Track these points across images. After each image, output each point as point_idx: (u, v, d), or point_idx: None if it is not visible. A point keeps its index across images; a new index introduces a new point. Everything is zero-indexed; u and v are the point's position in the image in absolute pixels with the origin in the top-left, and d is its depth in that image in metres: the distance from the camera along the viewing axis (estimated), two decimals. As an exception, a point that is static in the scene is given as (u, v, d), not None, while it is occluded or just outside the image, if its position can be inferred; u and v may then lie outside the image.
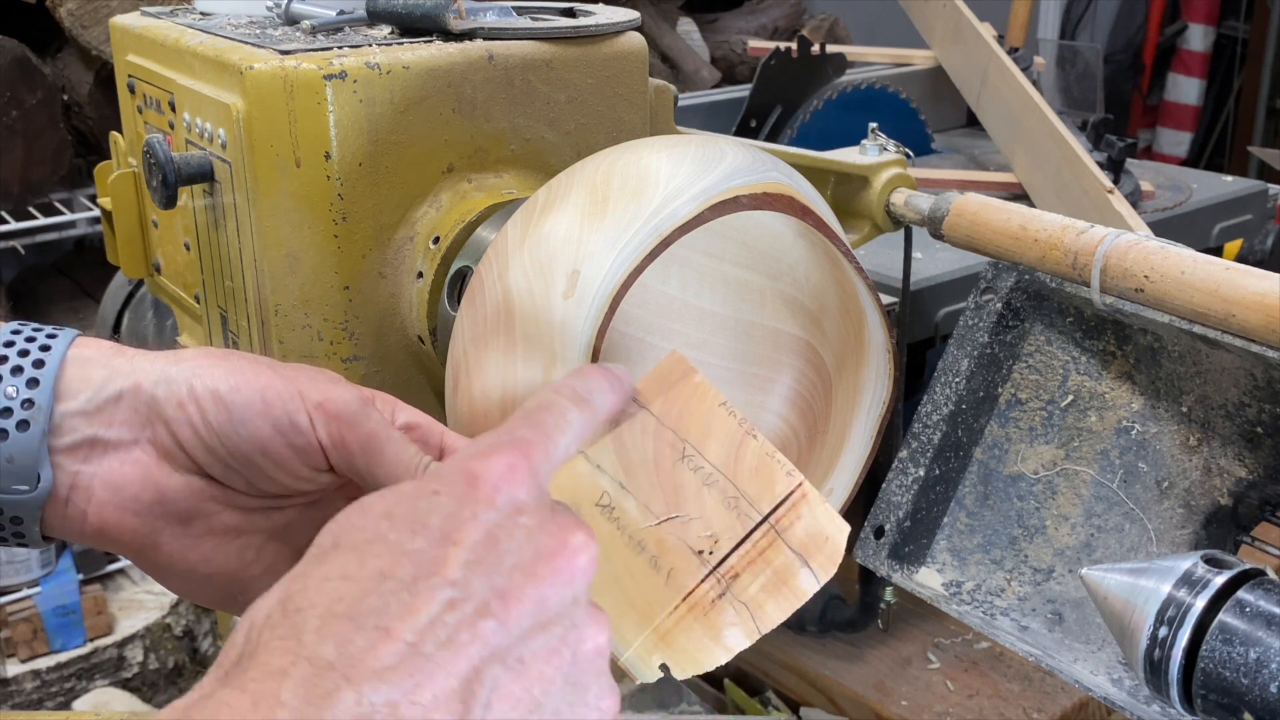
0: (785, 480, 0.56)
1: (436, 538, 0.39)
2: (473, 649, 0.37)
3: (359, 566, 0.38)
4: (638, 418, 0.55)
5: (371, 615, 0.37)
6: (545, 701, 0.39)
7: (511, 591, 0.39)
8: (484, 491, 0.41)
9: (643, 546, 0.53)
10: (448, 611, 0.37)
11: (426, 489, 0.41)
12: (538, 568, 0.40)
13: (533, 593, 0.39)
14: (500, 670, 0.38)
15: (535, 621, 0.39)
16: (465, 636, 0.37)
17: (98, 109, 1.81)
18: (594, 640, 0.42)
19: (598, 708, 0.41)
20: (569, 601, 0.41)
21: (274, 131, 0.72)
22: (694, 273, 0.69)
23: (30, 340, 0.52)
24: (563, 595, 0.40)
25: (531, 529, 0.41)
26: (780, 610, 0.54)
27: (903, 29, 1.91)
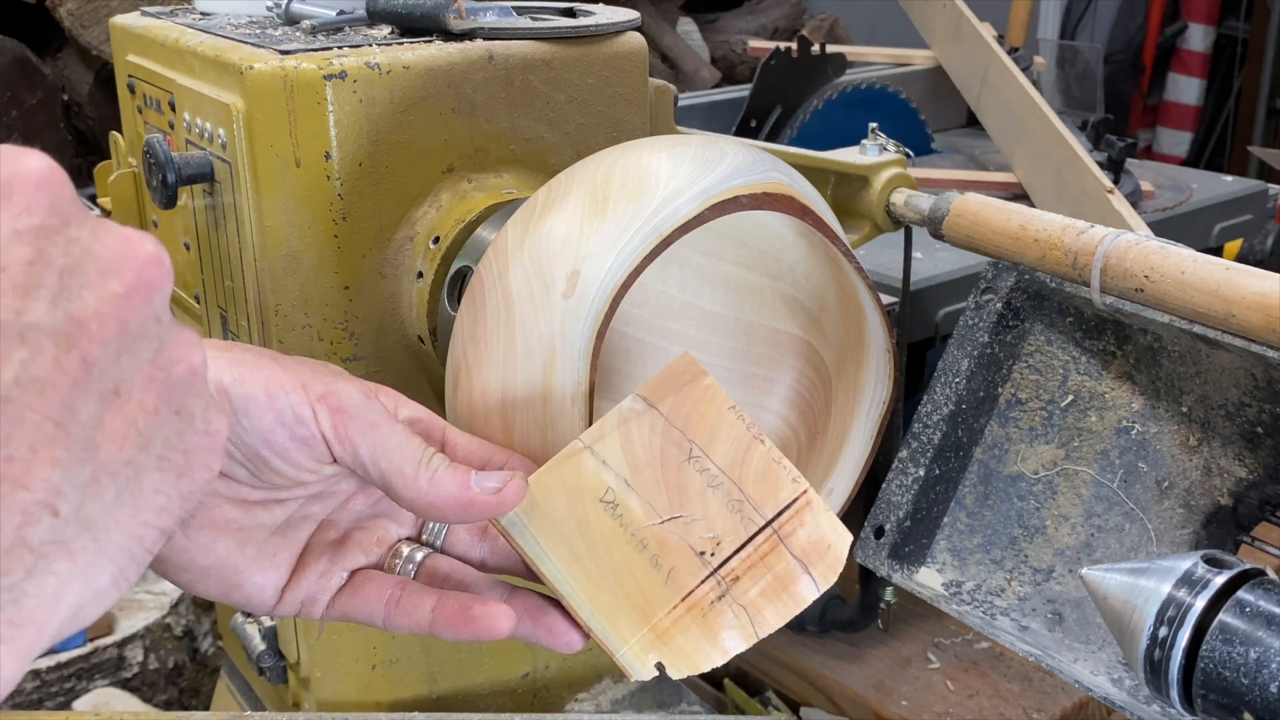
0: (790, 487, 0.56)
1: None
2: (61, 386, 0.32)
3: None
4: (645, 416, 0.55)
5: None
6: (152, 434, 0.36)
7: (88, 317, 0.33)
8: (19, 202, 0.34)
9: (644, 545, 0.53)
10: (19, 347, 0.32)
11: None
12: (108, 285, 0.34)
13: (112, 315, 0.34)
14: (98, 405, 0.34)
15: (120, 347, 0.34)
16: (50, 374, 0.32)
17: (98, 109, 1.81)
18: (185, 360, 0.37)
19: (207, 431, 0.38)
20: (151, 320, 0.36)
21: (274, 131, 0.72)
22: (694, 273, 0.69)
23: None
24: (143, 314, 0.35)
25: (87, 241, 0.35)
26: (779, 616, 0.54)
27: (903, 29, 1.91)
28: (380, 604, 0.53)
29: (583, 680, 0.97)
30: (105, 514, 0.34)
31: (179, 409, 0.37)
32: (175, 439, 0.37)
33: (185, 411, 0.37)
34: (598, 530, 0.53)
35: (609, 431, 0.54)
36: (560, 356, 0.56)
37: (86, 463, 0.33)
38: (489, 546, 0.57)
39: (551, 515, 0.53)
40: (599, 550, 0.53)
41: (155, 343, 0.36)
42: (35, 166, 0.35)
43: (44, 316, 0.32)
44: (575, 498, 0.53)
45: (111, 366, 0.34)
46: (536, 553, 0.53)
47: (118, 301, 0.34)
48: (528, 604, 0.53)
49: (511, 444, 0.57)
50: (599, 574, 0.53)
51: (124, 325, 0.34)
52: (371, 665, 0.87)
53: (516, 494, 0.51)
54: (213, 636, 1.68)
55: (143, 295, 0.35)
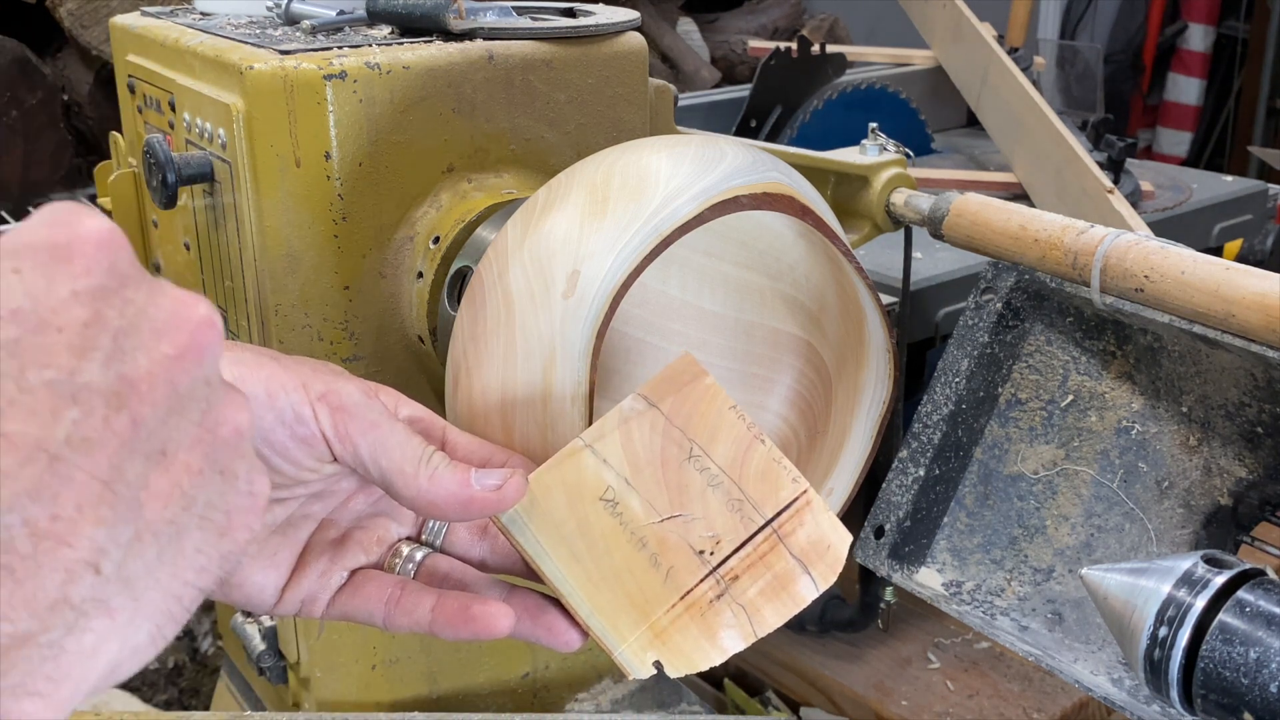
0: (791, 487, 0.56)
1: (33, 324, 0.33)
2: (110, 445, 0.33)
3: None
4: (646, 415, 0.55)
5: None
6: (196, 494, 0.36)
7: (138, 377, 0.34)
8: (79, 264, 0.34)
9: (644, 543, 0.53)
10: (71, 407, 0.32)
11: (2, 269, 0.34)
12: (160, 347, 0.35)
13: (162, 376, 0.35)
14: (144, 465, 0.34)
15: (169, 408, 0.35)
16: (100, 434, 0.33)
17: (98, 109, 1.81)
18: (232, 421, 0.38)
19: (249, 492, 0.38)
20: (200, 382, 0.36)
21: (274, 131, 0.72)
22: (694, 273, 0.69)
23: None
24: (193, 376, 0.36)
25: (143, 303, 0.35)
26: (778, 615, 0.54)
27: (903, 29, 1.91)
28: (380, 603, 0.53)
29: (583, 680, 0.97)
30: (146, 573, 0.34)
31: (223, 469, 0.37)
32: (218, 499, 0.37)
33: (229, 472, 0.37)
34: (597, 529, 0.53)
35: (609, 430, 0.54)
36: (560, 356, 0.56)
37: (130, 522, 0.34)
38: (489, 546, 0.57)
39: (551, 513, 0.53)
40: (598, 549, 0.53)
41: (204, 404, 0.36)
42: (95, 228, 0.35)
43: (97, 377, 0.33)
44: (575, 496, 0.53)
45: (160, 427, 0.35)
46: (536, 551, 0.53)
47: (169, 363, 0.35)
48: (527, 603, 0.54)
49: (511, 444, 0.57)
50: (598, 572, 0.53)
51: (174, 386, 0.35)
52: (371, 665, 0.87)
53: (517, 491, 0.51)
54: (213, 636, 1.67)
55: (194, 357, 0.36)
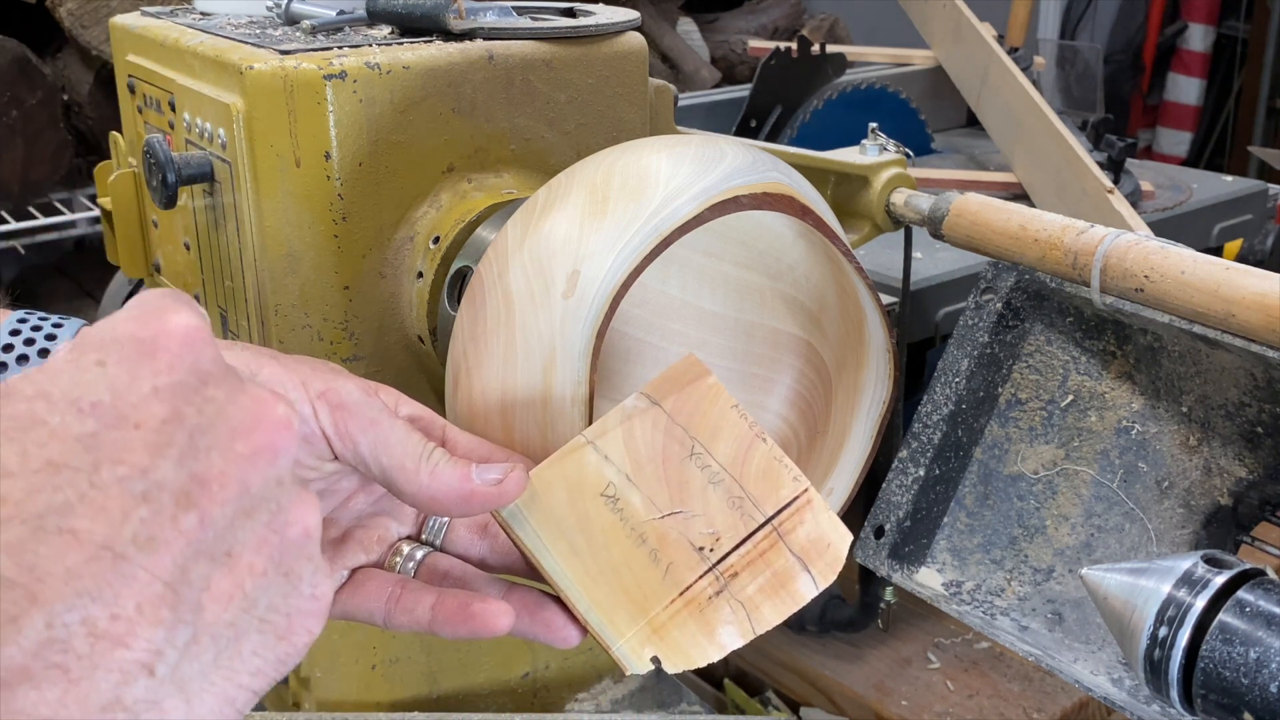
0: (791, 485, 0.56)
1: (112, 419, 0.33)
2: (176, 545, 0.33)
3: (20, 460, 0.32)
4: (649, 413, 0.55)
5: (51, 516, 0.31)
6: (258, 596, 0.35)
7: (211, 477, 0.34)
8: (163, 360, 0.34)
9: (644, 539, 0.54)
10: (141, 505, 0.32)
11: (87, 360, 0.34)
12: (235, 446, 0.35)
13: (234, 476, 0.35)
14: (208, 566, 0.34)
15: (239, 508, 0.35)
16: (166, 533, 0.32)
17: (98, 109, 1.81)
18: (301, 523, 0.37)
19: (312, 595, 0.38)
20: (273, 482, 0.36)
21: (274, 131, 0.72)
22: (694, 273, 0.69)
23: (36, 329, 0.52)
24: (266, 476, 0.36)
25: (222, 402, 0.35)
26: (777, 612, 0.54)
27: (903, 29, 1.91)
28: (380, 602, 0.54)
29: (583, 680, 0.97)
30: (201, 675, 0.34)
31: (287, 571, 0.37)
32: (280, 601, 0.37)
33: (293, 574, 0.37)
34: (597, 524, 0.53)
35: (612, 427, 0.54)
36: (560, 356, 0.56)
37: (190, 623, 0.33)
38: (489, 544, 0.57)
39: (552, 509, 0.53)
40: (598, 544, 0.53)
41: (274, 505, 0.36)
42: (182, 324, 0.35)
43: (169, 475, 0.33)
44: (576, 492, 0.53)
45: (228, 528, 0.34)
46: (535, 545, 0.53)
47: (242, 463, 0.35)
48: (525, 600, 0.54)
49: (512, 444, 0.57)
50: (597, 568, 0.53)
51: (246, 486, 0.35)
52: (371, 665, 0.87)
53: (517, 485, 0.51)
54: (213, 636, 1.67)
55: (268, 458, 0.36)
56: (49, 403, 0.33)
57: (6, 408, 0.33)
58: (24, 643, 0.29)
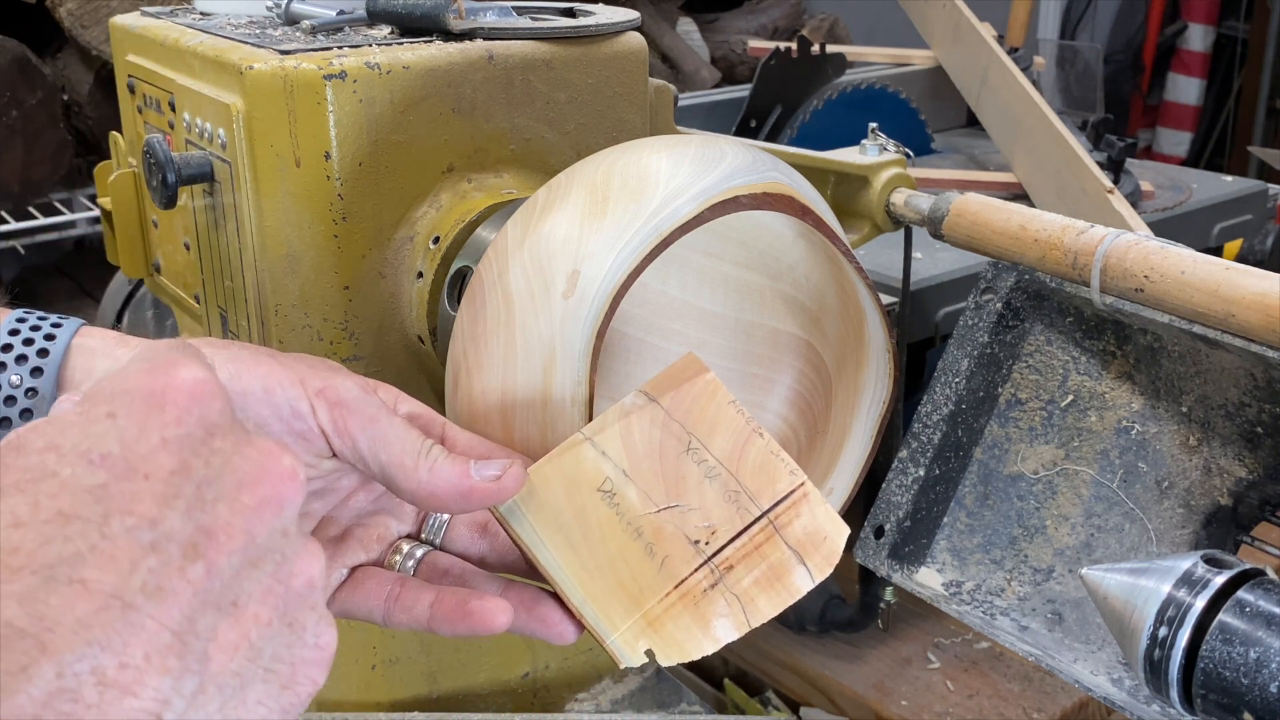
0: (788, 479, 0.56)
1: (121, 470, 0.34)
2: (184, 595, 0.33)
3: (31, 511, 0.32)
4: (647, 410, 0.55)
5: (62, 566, 0.31)
6: (263, 646, 0.36)
7: (217, 527, 0.35)
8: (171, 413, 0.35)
9: (640, 533, 0.54)
10: (150, 555, 0.33)
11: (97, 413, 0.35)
12: (241, 497, 0.36)
13: (240, 526, 0.35)
14: (215, 616, 0.34)
15: (245, 559, 0.35)
16: (174, 583, 0.33)
17: (98, 109, 1.81)
18: (305, 573, 0.38)
19: (316, 645, 0.38)
20: (278, 533, 0.37)
21: (274, 131, 0.72)
22: (694, 273, 0.69)
23: (35, 329, 0.52)
24: (271, 527, 0.36)
25: (228, 453, 0.36)
26: (772, 605, 0.54)
27: (903, 29, 1.91)
28: (380, 600, 0.54)
29: (583, 680, 0.97)
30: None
31: (292, 621, 0.37)
32: (284, 651, 0.37)
33: (298, 624, 0.37)
34: (594, 519, 0.53)
35: (610, 424, 0.55)
36: (560, 356, 0.56)
37: (197, 673, 0.33)
38: (489, 543, 0.57)
39: (549, 504, 0.53)
40: (594, 538, 0.53)
41: (279, 555, 0.37)
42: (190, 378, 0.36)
43: (177, 525, 0.34)
44: (573, 487, 0.53)
45: (234, 578, 0.35)
46: (532, 540, 0.53)
47: (248, 514, 0.35)
48: (523, 596, 0.54)
49: (512, 444, 0.57)
50: (593, 561, 0.53)
51: (251, 538, 0.35)
52: (371, 665, 0.87)
53: (516, 481, 0.51)
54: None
55: (273, 509, 0.36)
56: (59, 454, 0.33)
57: (18, 459, 0.33)
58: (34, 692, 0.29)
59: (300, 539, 0.38)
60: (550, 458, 0.54)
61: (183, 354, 0.37)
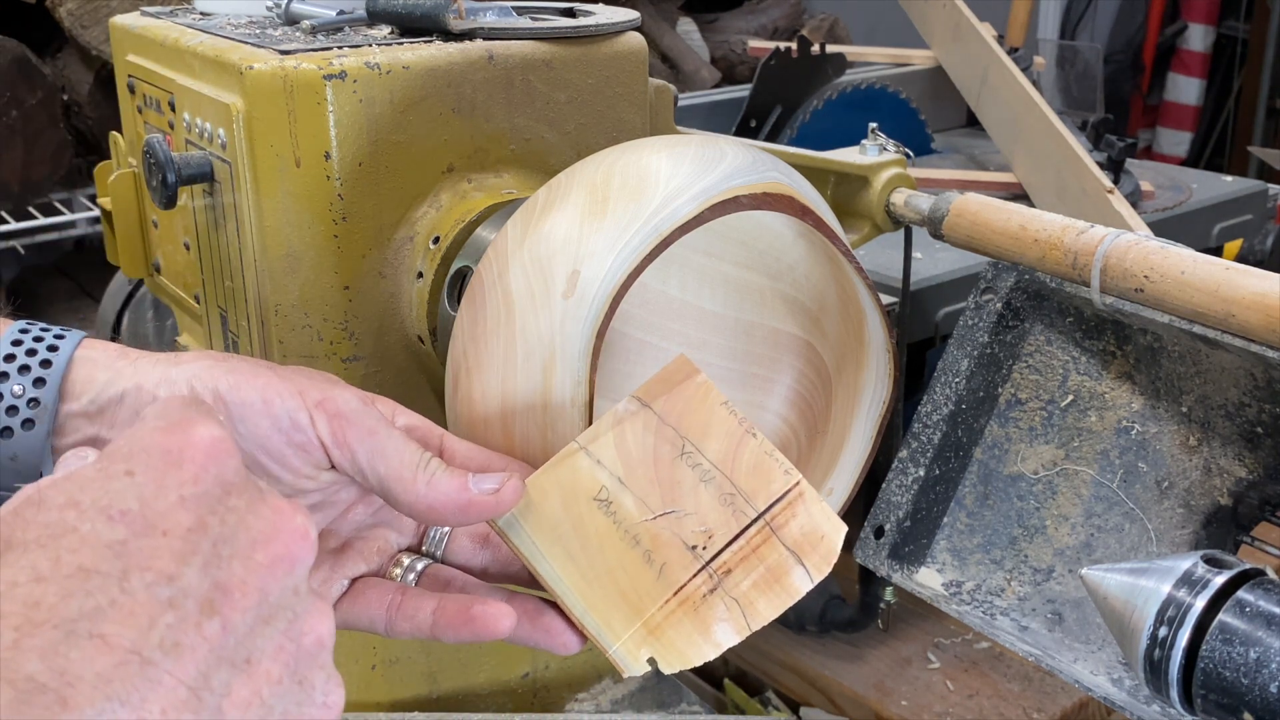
0: (783, 479, 0.56)
1: (140, 526, 0.34)
2: (200, 651, 0.34)
3: (53, 565, 0.33)
4: (640, 415, 0.55)
5: (83, 620, 0.32)
6: (274, 703, 0.36)
7: (232, 584, 0.35)
8: (188, 470, 0.36)
9: (637, 540, 0.54)
10: (168, 611, 0.33)
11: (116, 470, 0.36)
12: (255, 555, 0.36)
13: (254, 584, 0.36)
14: (229, 672, 0.35)
15: (258, 616, 0.36)
16: (190, 639, 0.34)
17: (98, 109, 1.81)
18: (315, 631, 0.39)
19: (325, 703, 0.39)
20: (290, 591, 0.38)
21: (274, 131, 0.72)
22: (694, 273, 0.69)
23: (38, 340, 0.52)
24: (284, 585, 0.37)
25: (243, 512, 0.37)
26: (772, 607, 0.54)
27: (903, 29, 1.91)
28: (381, 610, 0.54)
29: (583, 680, 0.97)
30: None
31: (302, 679, 0.38)
32: (294, 709, 0.37)
33: (307, 682, 0.38)
34: (591, 528, 0.53)
35: (604, 432, 0.54)
36: (560, 356, 0.56)
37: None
38: (490, 555, 0.57)
39: (546, 515, 0.53)
40: (592, 548, 0.53)
41: (290, 613, 0.37)
42: (206, 436, 0.37)
43: (194, 581, 0.34)
44: (570, 497, 0.53)
45: (248, 635, 0.36)
46: (531, 552, 0.53)
47: (262, 572, 0.36)
48: (526, 606, 0.54)
49: (512, 445, 0.57)
50: (592, 572, 0.53)
51: (264, 595, 0.36)
52: (371, 665, 0.87)
53: (514, 494, 0.51)
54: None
55: (285, 567, 0.37)
56: (79, 510, 0.34)
57: (39, 515, 0.34)
58: None
59: (311, 597, 0.39)
60: (546, 468, 0.54)
61: (198, 412, 0.38)
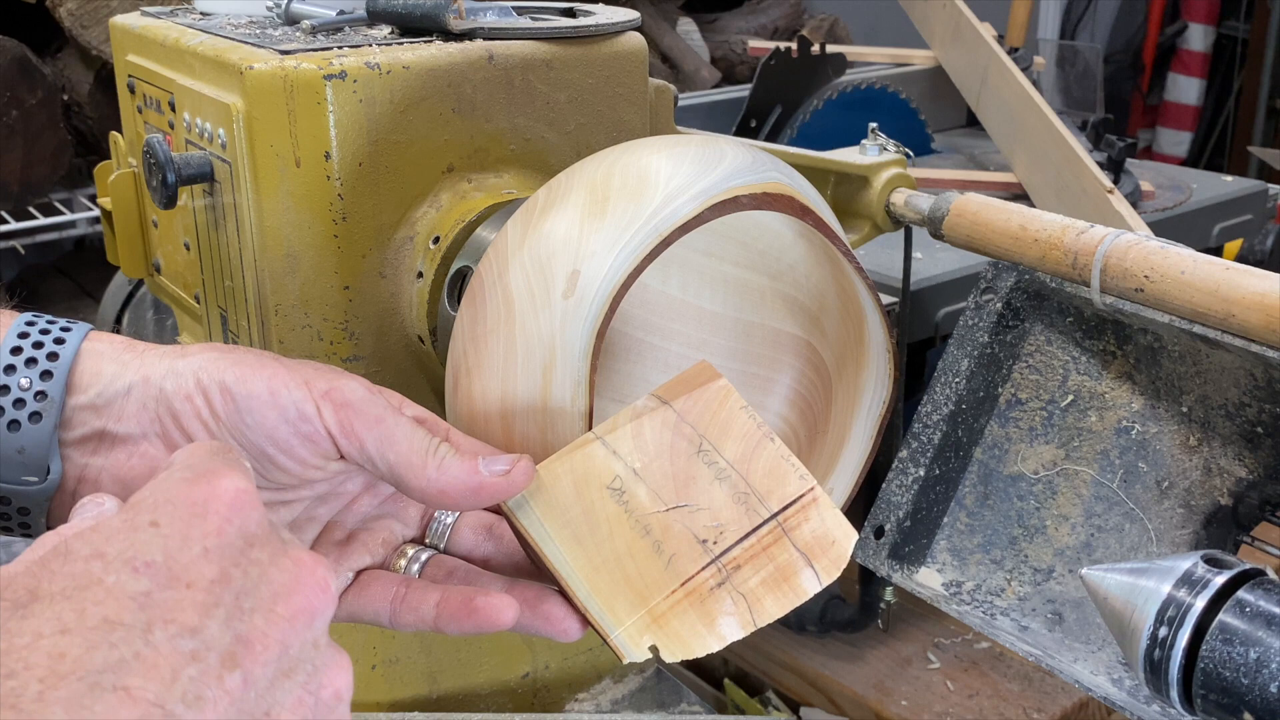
0: (798, 483, 0.56)
1: (164, 578, 0.35)
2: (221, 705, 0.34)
3: (78, 617, 0.33)
4: (659, 412, 0.56)
5: (107, 673, 0.32)
6: None
7: (254, 637, 0.36)
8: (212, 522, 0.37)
9: (648, 530, 0.54)
10: (191, 664, 0.34)
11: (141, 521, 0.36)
12: (276, 608, 0.37)
13: (275, 637, 0.36)
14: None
15: (279, 669, 0.36)
16: (213, 692, 0.34)
17: (98, 109, 1.81)
18: (334, 685, 0.39)
19: None
20: (310, 644, 0.38)
21: (274, 131, 0.72)
22: (694, 273, 0.69)
23: (45, 333, 0.52)
24: (304, 638, 0.38)
25: (265, 565, 0.38)
26: (779, 606, 0.54)
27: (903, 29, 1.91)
28: (386, 602, 0.54)
29: (583, 680, 0.97)
30: None
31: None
32: None
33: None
34: (602, 515, 0.54)
35: (622, 424, 0.55)
36: (560, 356, 0.56)
37: None
38: (494, 545, 0.57)
39: (558, 499, 0.53)
40: (601, 534, 0.53)
41: (310, 666, 0.38)
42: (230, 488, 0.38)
43: (217, 634, 0.35)
44: (582, 484, 0.54)
45: (268, 688, 0.36)
46: (539, 534, 0.53)
47: (283, 625, 0.37)
48: (526, 594, 0.54)
49: (512, 444, 0.57)
50: (599, 556, 0.53)
51: (285, 648, 0.37)
52: (371, 665, 0.87)
53: (525, 475, 0.51)
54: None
55: (305, 620, 0.38)
56: (105, 562, 0.35)
57: (65, 566, 0.35)
58: None
59: (330, 650, 0.39)
60: (560, 455, 0.54)
61: (224, 462, 0.39)
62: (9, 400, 0.50)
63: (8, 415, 0.50)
